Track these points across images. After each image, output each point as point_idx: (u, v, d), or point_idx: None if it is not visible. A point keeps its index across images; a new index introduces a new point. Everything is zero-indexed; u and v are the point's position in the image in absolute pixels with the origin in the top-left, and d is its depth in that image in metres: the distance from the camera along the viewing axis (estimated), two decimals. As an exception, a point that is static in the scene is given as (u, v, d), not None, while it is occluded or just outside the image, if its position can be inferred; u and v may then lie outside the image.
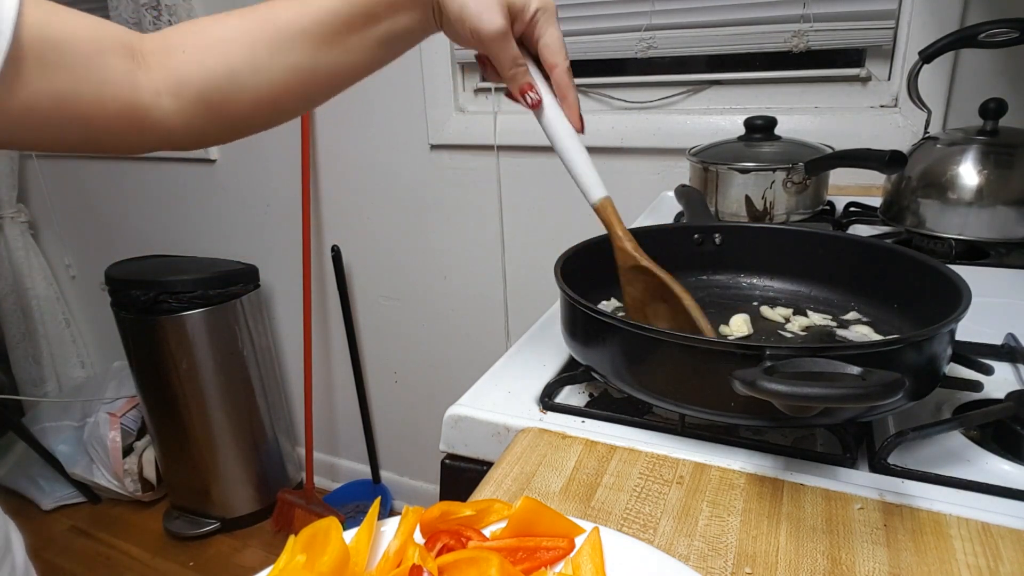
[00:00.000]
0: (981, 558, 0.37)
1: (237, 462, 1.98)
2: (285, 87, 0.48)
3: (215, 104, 0.47)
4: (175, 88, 0.46)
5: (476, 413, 0.54)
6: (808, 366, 0.41)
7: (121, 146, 0.47)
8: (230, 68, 0.47)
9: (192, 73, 0.46)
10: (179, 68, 0.46)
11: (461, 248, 1.66)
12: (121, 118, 0.45)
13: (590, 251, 0.64)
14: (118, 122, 0.45)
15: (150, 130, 0.47)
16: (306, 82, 0.49)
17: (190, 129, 0.48)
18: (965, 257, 0.81)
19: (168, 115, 0.47)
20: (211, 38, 0.47)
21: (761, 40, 1.18)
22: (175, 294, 1.78)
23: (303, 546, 0.35)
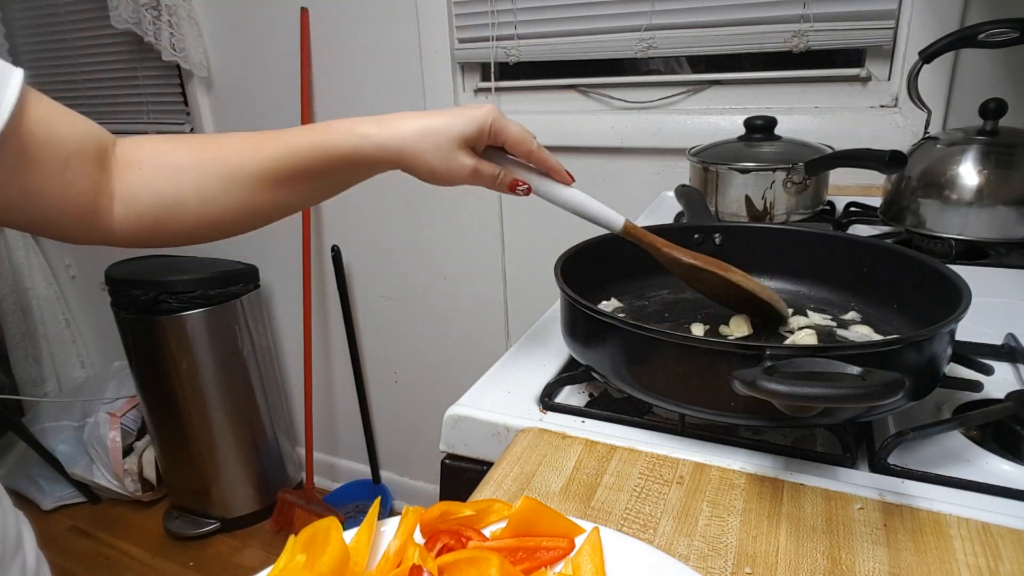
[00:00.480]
0: (981, 558, 0.37)
1: (237, 462, 1.98)
2: (228, 216, 0.52)
3: (159, 221, 0.50)
4: (127, 199, 0.49)
5: (476, 413, 0.54)
6: (808, 366, 0.41)
7: (66, 236, 0.49)
8: (179, 194, 0.50)
9: (143, 191, 0.50)
10: (132, 182, 0.50)
11: (461, 248, 1.66)
12: (76, 216, 0.47)
13: (590, 251, 0.64)
14: (72, 219, 0.47)
15: (97, 229, 0.49)
16: (248, 214, 0.52)
17: (133, 236, 0.51)
18: (965, 257, 0.81)
19: (116, 220, 0.50)
20: (166, 162, 0.51)
21: (761, 40, 1.18)
22: (175, 294, 1.78)
23: (303, 546, 0.35)
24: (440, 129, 0.50)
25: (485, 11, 1.40)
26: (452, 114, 0.51)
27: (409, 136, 0.50)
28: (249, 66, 1.75)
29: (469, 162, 0.51)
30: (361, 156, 0.50)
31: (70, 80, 2.06)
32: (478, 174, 0.52)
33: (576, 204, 0.55)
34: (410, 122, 0.50)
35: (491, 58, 1.43)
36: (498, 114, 0.52)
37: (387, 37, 1.53)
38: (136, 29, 1.72)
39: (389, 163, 0.51)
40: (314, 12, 1.60)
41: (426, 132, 0.50)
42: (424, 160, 0.50)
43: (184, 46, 1.71)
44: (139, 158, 0.51)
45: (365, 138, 0.50)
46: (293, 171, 0.51)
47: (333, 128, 0.51)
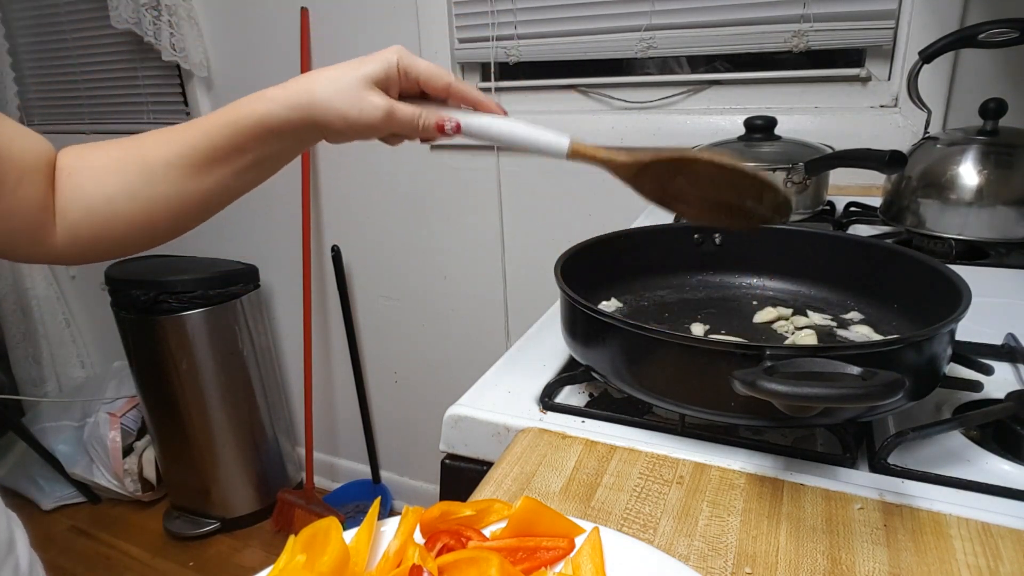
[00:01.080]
0: (981, 558, 0.37)
1: (237, 462, 1.98)
2: (159, 213, 0.50)
3: (94, 228, 0.50)
4: (62, 210, 0.49)
5: (476, 413, 0.54)
6: (808, 366, 0.41)
7: (15, 255, 0.49)
8: (106, 195, 0.49)
9: (73, 196, 0.49)
10: (64, 190, 0.49)
11: (461, 248, 1.66)
12: (24, 233, 0.47)
13: (590, 251, 0.64)
14: (21, 236, 0.47)
15: (43, 245, 0.49)
16: (178, 208, 0.51)
17: (73, 249, 0.50)
18: (965, 257, 0.81)
19: (58, 235, 0.49)
20: (90, 164, 0.50)
21: (761, 40, 1.18)
22: (175, 294, 1.78)
23: (303, 546, 0.35)
24: (345, 74, 0.48)
25: (485, 11, 1.40)
26: (357, 60, 0.49)
27: (314, 87, 0.48)
28: (249, 66, 1.75)
29: (381, 102, 0.48)
30: (274, 121, 0.48)
31: (70, 80, 2.06)
32: (394, 116, 0.48)
33: (513, 134, 0.50)
34: (315, 75, 0.49)
35: (491, 58, 1.43)
36: (404, 51, 0.49)
37: (387, 37, 1.53)
38: (136, 29, 1.72)
39: (301, 121, 0.48)
40: (314, 12, 1.60)
41: (331, 79, 0.48)
42: (334, 107, 0.47)
43: (184, 46, 1.71)
44: (68, 164, 0.50)
45: (273, 100, 0.48)
46: (211, 152, 0.49)
47: (244, 101, 0.49)
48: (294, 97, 0.48)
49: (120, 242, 0.51)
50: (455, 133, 0.50)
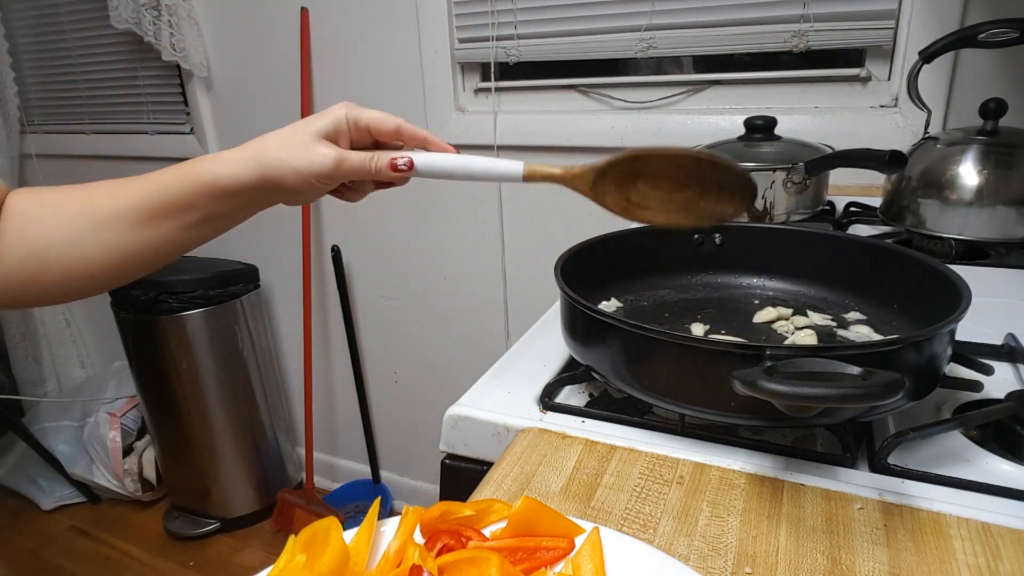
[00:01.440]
0: (981, 558, 0.37)
1: (237, 462, 1.98)
2: (99, 261, 0.50)
3: (29, 275, 0.49)
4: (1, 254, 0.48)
5: (476, 413, 0.54)
6: (808, 366, 0.41)
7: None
8: (47, 239, 0.49)
9: (15, 242, 0.48)
10: (8, 234, 0.48)
11: (461, 248, 1.66)
12: None
13: (590, 251, 0.64)
14: None
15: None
16: (120, 258, 0.50)
17: (5, 292, 0.49)
18: (965, 257, 0.81)
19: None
20: (39, 209, 0.49)
21: (761, 40, 1.18)
22: (175, 294, 1.78)
23: (303, 546, 0.35)
24: (295, 131, 0.49)
25: (485, 11, 1.40)
26: (306, 119, 0.50)
27: (266, 145, 0.49)
28: (249, 66, 1.75)
29: (330, 151, 0.49)
30: (225, 179, 0.49)
31: (70, 80, 2.06)
32: (344, 162, 0.49)
33: (466, 168, 0.51)
34: (266, 136, 0.50)
35: (491, 58, 1.43)
36: (351, 105, 0.51)
37: (387, 37, 1.53)
38: (136, 29, 1.72)
39: (254, 180, 0.49)
40: (314, 12, 1.60)
41: (282, 137, 0.49)
42: (284, 161, 0.48)
43: (184, 46, 1.71)
44: (19, 207, 0.50)
45: (226, 161, 0.49)
46: (161, 206, 0.49)
47: (199, 159, 0.50)
48: (247, 156, 0.49)
49: (52, 288, 0.50)
50: (408, 170, 0.51)
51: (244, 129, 1.83)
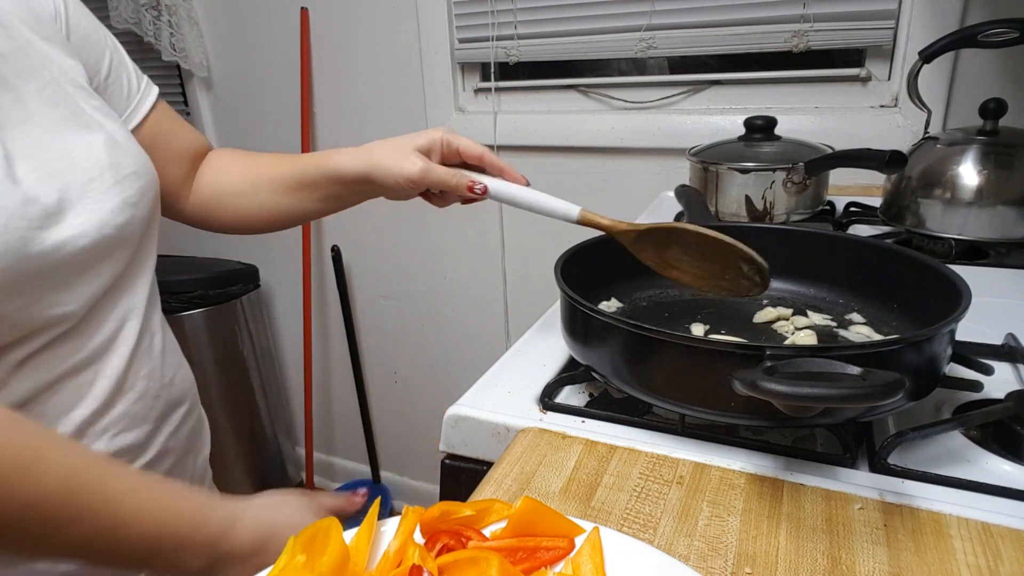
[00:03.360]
0: (981, 558, 0.37)
1: (237, 462, 1.98)
2: (254, 214, 0.68)
3: (211, 208, 0.69)
4: (197, 189, 0.69)
5: (476, 413, 0.54)
6: (808, 366, 0.41)
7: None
8: (224, 190, 0.69)
9: (206, 184, 0.69)
10: (204, 177, 0.69)
11: (461, 248, 1.66)
12: (166, 195, 0.64)
13: (590, 251, 0.64)
14: (164, 196, 0.63)
15: (175, 207, 0.68)
16: (268, 213, 0.68)
17: (195, 218, 0.70)
18: (965, 257, 0.81)
19: (187, 205, 0.69)
20: (225, 166, 0.70)
21: (761, 40, 1.18)
22: (175, 294, 1.78)
23: (303, 546, 0.35)
24: (399, 142, 0.61)
25: (485, 11, 1.40)
26: (411, 135, 0.61)
27: (374, 148, 0.61)
28: (249, 66, 1.74)
29: (420, 162, 0.59)
30: (342, 171, 0.62)
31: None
32: (430, 173, 0.59)
33: (530, 201, 0.60)
34: (379, 142, 0.62)
35: (491, 58, 1.43)
36: (448, 129, 0.62)
37: (387, 37, 1.53)
38: (136, 29, 1.72)
39: (361, 174, 0.61)
40: (314, 12, 1.60)
41: (386, 146, 0.61)
42: (384, 165, 0.60)
43: (184, 46, 1.71)
44: (213, 161, 0.70)
45: (347, 156, 0.62)
46: (298, 181, 0.66)
47: (332, 152, 0.64)
48: (361, 155, 0.62)
49: (226, 224, 0.70)
50: (483, 193, 0.60)
51: (244, 129, 1.83)
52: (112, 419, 0.53)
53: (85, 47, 0.57)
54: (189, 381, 0.63)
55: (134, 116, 0.61)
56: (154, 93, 0.64)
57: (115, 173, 0.51)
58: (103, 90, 0.58)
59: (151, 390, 0.56)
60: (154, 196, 0.56)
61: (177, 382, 0.60)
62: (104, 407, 0.52)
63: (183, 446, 0.62)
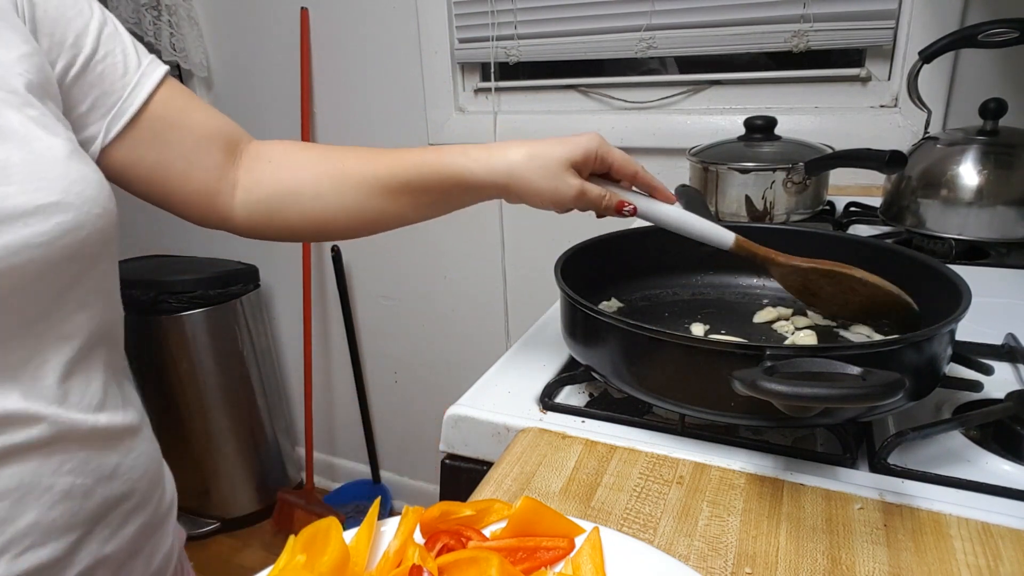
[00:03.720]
0: (981, 558, 0.37)
1: (237, 462, 1.98)
2: (336, 217, 0.56)
3: (273, 210, 0.56)
4: (250, 186, 0.56)
5: (476, 413, 0.54)
6: (808, 366, 0.41)
7: (190, 215, 0.56)
8: (296, 188, 0.56)
9: (266, 180, 0.56)
10: (260, 172, 0.56)
11: (461, 248, 1.66)
12: (198, 195, 0.54)
13: (590, 251, 0.64)
14: (195, 197, 0.54)
15: (217, 211, 0.56)
16: (354, 219, 0.56)
17: (248, 221, 0.57)
18: (965, 257, 0.81)
19: (237, 205, 0.56)
20: (293, 160, 0.57)
21: (761, 40, 1.18)
22: (175, 294, 1.78)
23: (303, 546, 0.35)
24: (547, 153, 0.51)
25: (485, 11, 1.40)
26: (558, 140, 0.52)
27: (517, 160, 0.52)
28: (249, 66, 1.74)
29: (576, 183, 0.52)
30: (470, 177, 0.52)
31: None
32: (584, 195, 0.52)
33: (682, 223, 0.55)
34: (518, 148, 0.52)
35: (491, 58, 1.43)
36: (602, 140, 0.53)
37: (387, 37, 1.53)
38: (136, 29, 1.72)
39: (495, 186, 0.53)
40: (314, 12, 1.60)
41: (533, 156, 0.51)
42: (531, 183, 0.51)
43: (184, 46, 1.71)
44: (269, 153, 0.57)
45: (475, 161, 0.52)
46: (402, 183, 0.54)
47: (447, 150, 0.53)
48: (496, 164, 0.52)
49: (291, 229, 0.57)
50: (632, 215, 0.55)
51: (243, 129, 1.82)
52: (15, 535, 0.40)
53: (57, 28, 0.47)
54: (140, 469, 0.50)
55: (135, 96, 0.50)
56: (160, 71, 0.53)
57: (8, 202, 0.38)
58: (92, 72, 0.48)
59: (78, 489, 0.43)
60: (92, 234, 0.43)
61: (123, 471, 0.47)
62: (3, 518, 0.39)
63: (127, 551, 0.48)
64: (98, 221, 0.43)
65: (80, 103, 0.48)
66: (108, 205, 0.45)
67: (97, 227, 0.43)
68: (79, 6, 0.49)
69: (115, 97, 0.49)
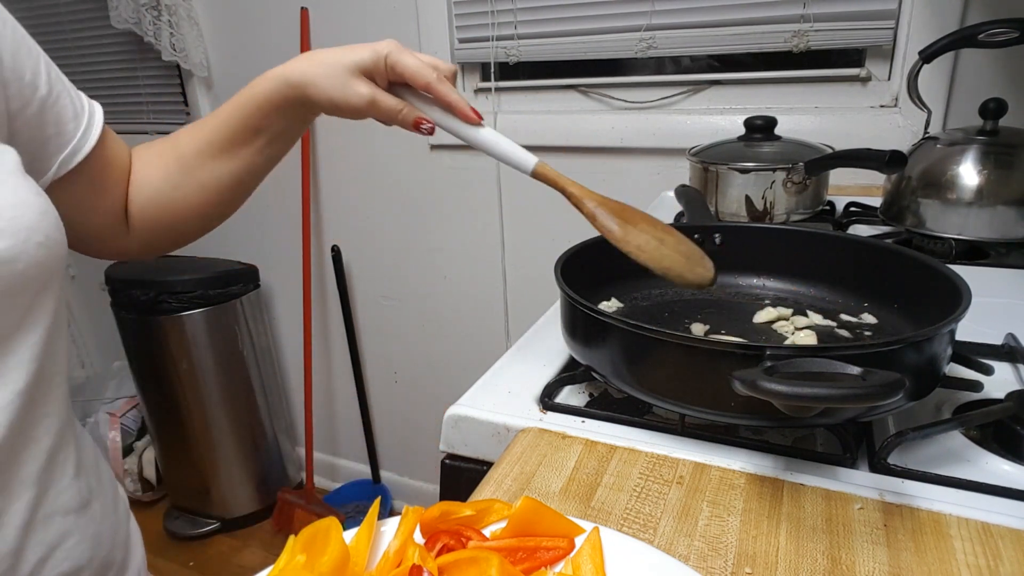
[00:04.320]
0: (981, 558, 0.37)
1: (237, 462, 1.98)
2: (201, 197, 0.56)
3: (149, 218, 0.56)
4: (129, 204, 0.56)
5: (476, 413, 0.54)
6: (808, 366, 0.41)
7: (91, 250, 0.56)
8: (155, 189, 0.56)
9: (133, 192, 0.56)
10: (132, 184, 0.57)
11: (461, 248, 1.66)
12: (109, 227, 0.55)
13: (590, 251, 0.64)
14: (106, 231, 0.55)
15: (118, 239, 0.56)
16: (215, 190, 0.56)
17: (139, 240, 0.57)
18: (965, 257, 0.81)
19: (130, 227, 0.57)
20: (142, 163, 0.57)
21: (761, 40, 1.18)
22: (175, 294, 1.78)
23: (303, 546, 0.35)
24: (336, 58, 0.51)
25: (485, 11, 1.40)
26: (350, 47, 0.51)
27: (307, 66, 0.51)
28: (249, 66, 1.74)
29: (365, 91, 0.51)
30: (276, 96, 0.52)
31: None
32: (376, 104, 0.51)
33: (483, 143, 0.53)
34: (311, 55, 0.52)
35: (491, 58, 1.43)
36: (395, 46, 0.51)
37: (387, 37, 1.53)
38: (136, 29, 1.72)
39: (296, 98, 0.52)
40: (314, 12, 1.60)
41: (323, 62, 0.51)
42: (322, 88, 0.51)
43: (184, 46, 1.71)
44: (134, 166, 0.57)
45: (272, 79, 0.52)
46: (231, 136, 0.54)
47: (249, 84, 0.53)
48: (290, 75, 0.51)
49: (176, 229, 0.57)
50: (430, 133, 0.53)
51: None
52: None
53: (16, 61, 0.46)
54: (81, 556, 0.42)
55: (87, 138, 0.50)
56: (99, 111, 0.53)
57: None
58: (48, 112, 0.48)
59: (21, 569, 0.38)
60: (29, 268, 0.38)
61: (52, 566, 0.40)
62: None
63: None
64: (37, 251, 0.38)
65: (33, 139, 0.47)
66: (52, 234, 0.40)
67: (36, 258, 0.38)
68: (28, 45, 0.48)
69: (67, 137, 0.49)
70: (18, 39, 0.47)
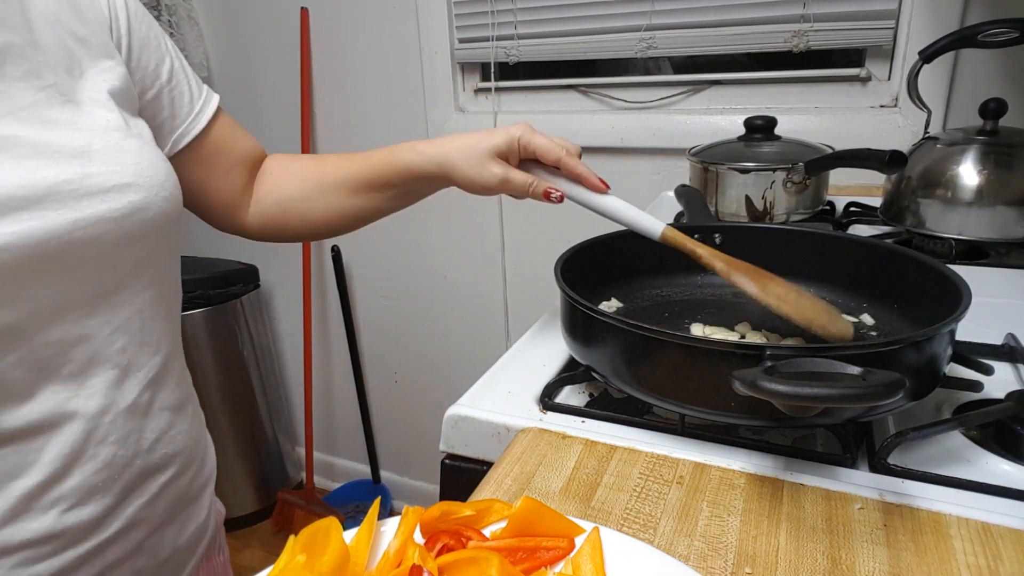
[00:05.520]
0: (981, 558, 0.37)
1: (237, 462, 1.98)
2: (325, 217, 0.66)
3: (275, 218, 0.67)
4: (258, 199, 0.67)
5: (476, 413, 0.54)
6: (808, 366, 0.41)
7: (216, 222, 0.66)
8: (290, 197, 0.66)
9: (266, 193, 0.67)
10: (262, 187, 0.67)
11: (461, 248, 1.66)
12: (224, 208, 0.65)
13: (590, 251, 0.64)
14: (223, 208, 0.65)
15: (235, 220, 0.66)
16: (339, 215, 0.66)
17: (259, 229, 0.68)
18: (965, 257, 0.81)
19: (249, 215, 0.67)
20: (285, 171, 0.67)
21: (761, 40, 1.18)
22: (175, 294, 1.78)
23: (303, 546, 0.35)
24: (475, 144, 0.58)
25: (485, 11, 1.40)
26: (488, 131, 0.59)
27: (450, 151, 0.59)
28: (249, 66, 1.75)
29: (499, 171, 0.58)
30: (417, 169, 0.61)
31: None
32: (508, 183, 0.58)
33: (610, 211, 0.58)
34: (454, 140, 0.60)
35: (491, 58, 1.43)
36: (527, 128, 0.59)
37: (387, 37, 1.53)
38: (136, 29, 1.72)
39: (438, 175, 0.60)
40: (314, 12, 1.60)
41: (463, 147, 0.59)
42: (461, 170, 0.59)
43: (184, 46, 1.71)
44: (272, 167, 0.68)
45: (421, 154, 0.61)
46: (370, 181, 0.64)
47: (403, 147, 0.62)
48: (436, 155, 0.60)
49: (292, 232, 0.68)
50: (559, 201, 0.59)
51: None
52: (63, 492, 0.44)
53: (144, 53, 0.54)
54: (179, 445, 0.53)
55: (197, 123, 0.59)
56: (215, 100, 0.61)
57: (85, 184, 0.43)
58: (164, 97, 0.56)
59: (119, 459, 0.47)
60: (157, 215, 0.48)
61: (161, 447, 0.51)
62: (54, 478, 0.44)
63: (160, 517, 0.52)
64: (164, 204, 0.49)
65: (152, 119, 0.55)
66: (174, 192, 0.51)
67: (162, 209, 0.49)
68: (158, 41, 0.57)
69: (180, 120, 0.58)
70: (151, 36, 0.56)
